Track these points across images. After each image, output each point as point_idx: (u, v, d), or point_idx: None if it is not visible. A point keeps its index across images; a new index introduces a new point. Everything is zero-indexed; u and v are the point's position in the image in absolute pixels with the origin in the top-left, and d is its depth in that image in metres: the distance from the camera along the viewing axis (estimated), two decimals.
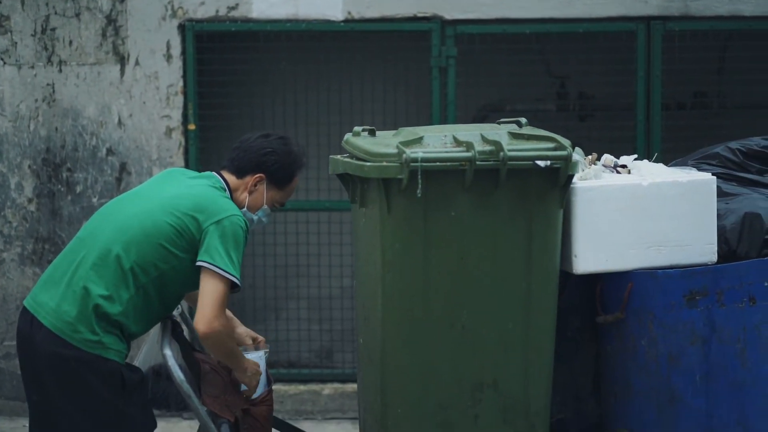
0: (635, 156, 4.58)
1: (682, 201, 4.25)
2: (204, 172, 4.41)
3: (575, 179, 4.18)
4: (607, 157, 4.52)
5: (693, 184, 4.28)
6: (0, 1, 7.17)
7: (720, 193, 4.38)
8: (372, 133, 4.27)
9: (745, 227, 4.32)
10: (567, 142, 4.09)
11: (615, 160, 4.52)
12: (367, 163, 4.06)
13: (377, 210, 4.07)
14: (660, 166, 4.50)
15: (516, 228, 4.09)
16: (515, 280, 4.11)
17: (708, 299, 4.13)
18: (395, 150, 4.02)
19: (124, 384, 4.10)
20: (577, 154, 4.28)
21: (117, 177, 7.18)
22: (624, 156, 4.57)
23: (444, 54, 7.15)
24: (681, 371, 4.15)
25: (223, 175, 4.33)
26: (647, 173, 4.37)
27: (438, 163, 4.00)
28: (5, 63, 7.19)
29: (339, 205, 7.31)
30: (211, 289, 4.07)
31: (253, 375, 4.32)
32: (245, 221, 4.19)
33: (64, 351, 4.04)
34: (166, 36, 7.17)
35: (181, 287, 4.19)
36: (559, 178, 4.06)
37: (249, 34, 7.26)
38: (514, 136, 4.15)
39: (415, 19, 7.18)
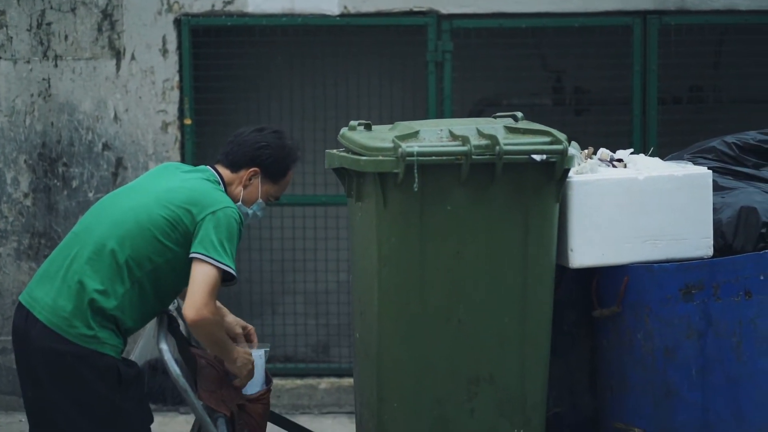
0: (631, 150, 4.58)
1: (678, 195, 4.25)
2: (199, 166, 4.41)
3: (571, 173, 4.18)
4: (603, 151, 4.52)
5: (689, 178, 4.28)
6: None
7: (716, 187, 4.38)
8: (368, 128, 4.26)
9: (741, 221, 4.32)
10: (563, 136, 4.09)
11: (611, 154, 4.53)
12: (363, 158, 4.06)
13: (373, 204, 4.07)
14: (656, 160, 4.50)
15: (512, 222, 4.09)
16: (511, 274, 4.11)
17: (704, 293, 4.13)
18: (391, 144, 4.02)
19: (120, 379, 4.09)
20: (573, 148, 4.28)
21: (113, 172, 7.17)
22: (620, 150, 4.58)
23: (440, 48, 7.15)
24: (677, 365, 4.16)
25: (218, 170, 4.32)
26: (643, 167, 4.37)
27: (434, 157, 4.00)
28: (1, 58, 7.18)
29: (335, 200, 7.31)
30: (202, 277, 4.05)
31: (244, 365, 4.28)
32: (239, 214, 4.19)
33: (59, 346, 4.04)
34: (161, 30, 7.16)
35: (177, 281, 4.19)
36: (555, 172, 4.06)
37: (245, 28, 7.26)
38: (510, 130, 4.15)
39: (411, 14, 7.18)
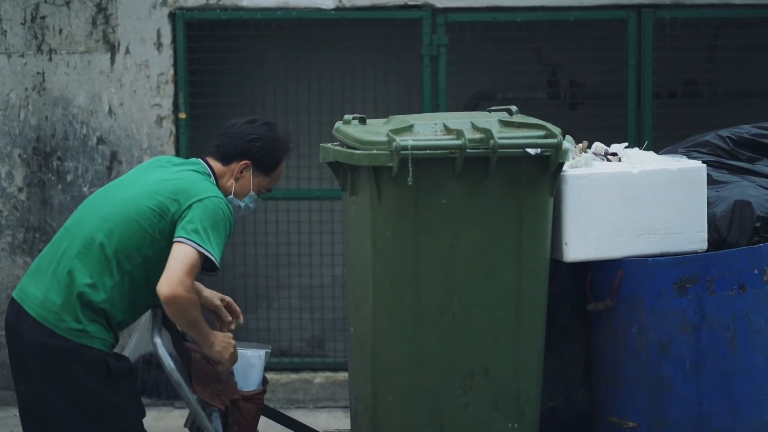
0: (626, 144, 4.58)
1: (672, 189, 4.25)
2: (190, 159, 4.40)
3: (566, 167, 4.18)
4: (598, 145, 4.52)
5: (683, 171, 4.28)
6: None
7: (710, 181, 4.38)
8: (362, 122, 4.26)
9: (736, 215, 4.32)
10: (557, 129, 4.09)
11: (605, 148, 4.52)
12: (358, 151, 4.05)
13: (368, 198, 4.07)
14: (650, 154, 4.50)
15: (506, 216, 4.09)
16: (506, 268, 4.11)
17: (698, 287, 4.13)
18: (385, 138, 4.01)
19: (110, 373, 4.08)
20: (568, 142, 4.27)
21: (108, 166, 7.17)
22: (615, 144, 4.58)
23: (435, 42, 7.14)
24: (671, 359, 4.16)
25: (209, 162, 4.31)
26: (638, 161, 4.37)
27: (428, 151, 3.99)
28: None
29: (330, 194, 7.31)
30: (180, 256, 4.00)
31: (224, 348, 4.20)
32: (228, 206, 4.17)
33: (49, 340, 4.04)
34: (156, 24, 7.15)
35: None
36: (550, 165, 4.05)
37: (239, 22, 7.25)
38: (504, 124, 4.15)
39: (406, 8, 7.17)
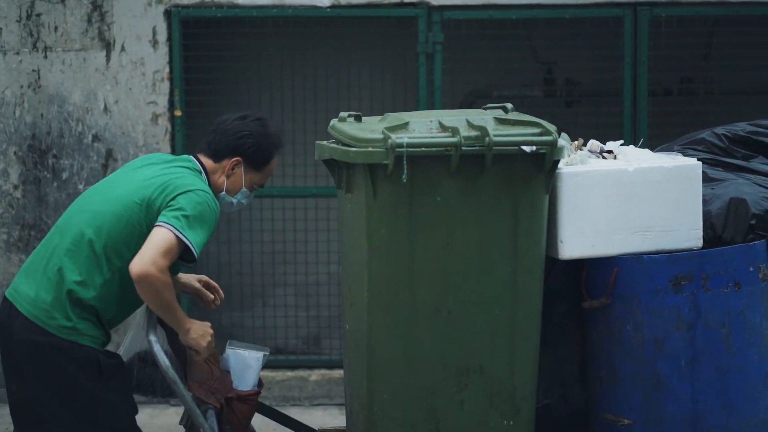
0: (621, 141, 4.58)
1: (667, 186, 4.25)
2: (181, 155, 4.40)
3: (561, 165, 4.18)
4: (593, 143, 4.52)
5: (679, 169, 4.28)
6: None
7: (706, 179, 4.38)
8: (358, 119, 4.26)
9: (731, 212, 4.32)
10: (553, 127, 4.09)
11: (601, 145, 4.52)
12: (353, 149, 4.05)
13: (363, 195, 4.07)
14: (646, 151, 4.50)
15: (502, 213, 4.09)
16: (501, 265, 4.11)
17: (693, 284, 4.14)
18: (381, 135, 4.01)
19: (101, 370, 4.08)
20: (563, 139, 4.27)
21: (103, 163, 7.16)
22: (610, 141, 4.58)
23: (431, 40, 7.14)
24: (666, 356, 4.16)
25: (200, 159, 4.31)
26: (633, 159, 4.37)
27: (423, 149, 3.99)
28: None
29: (326, 192, 7.31)
30: (157, 237, 3.99)
31: (201, 336, 4.17)
32: (215, 202, 4.16)
33: (39, 338, 4.04)
34: (152, 22, 7.14)
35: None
36: (545, 163, 4.05)
37: (235, 20, 7.25)
38: (500, 121, 4.15)
39: (402, 5, 7.17)
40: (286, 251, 7.70)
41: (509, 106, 4.30)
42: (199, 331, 4.18)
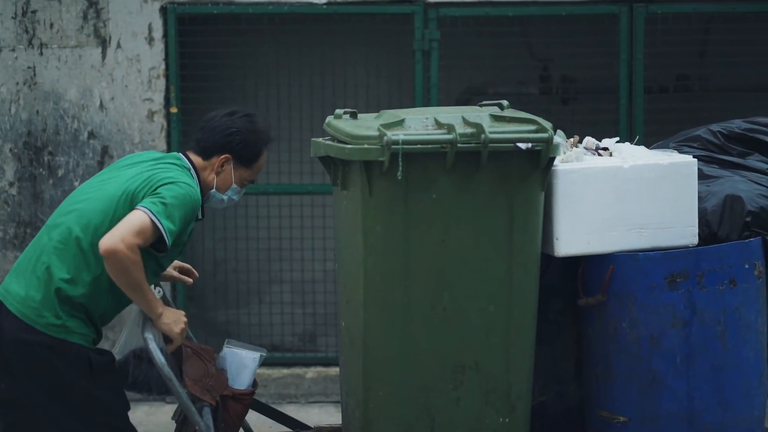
0: (617, 139, 4.58)
1: (663, 183, 4.25)
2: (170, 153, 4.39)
3: (557, 162, 4.18)
4: (589, 140, 4.52)
5: (674, 166, 4.28)
6: None
7: (701, 176, 4.38)
8: (354, 116, 4.25)
9: (726, 210, 4.33)
10: (548, 124, 4.09)
11: (596, 142, 4.52)
12: (349, 146, 4.05)
13: (359, 193, 4.06)
14: (641, 148, 4.50)
15: (497, 210, 4.09)
16: (497, 262, 4.11)
17: (689, 282, 4.14)
18: (376, 132, 4.01)
19: (92, 367, 4.08)
20: (559, 136, 4.28)
21: (99, 160, 7.16)
22: (606, 139, 4.58)
23: (427, 37, 7.14)
24: (662, 353, 4.16)
25: (189, 156, 4.30)
26: (629, 156, 4.37)
27: (419, 146, 3.99)
28: None
29: (321, 189, 7.30)
30: (131, 218, 3.99)
31: (174, 323, 4.13)
32: (197, 195, 4.14)
33: (29, 336, 4.03)
34: (147, 18, 7.13)
35: (147, 263, 4.13)
36: (541, 160, 4.05)
37: (231, 16, 7.24)
38: (495, 118, 4.15)
39: (398, 2, 7.17)
40: (282, 248, 7.70)
41: (505, 103, 4.30)
42: (172, 317, 4.15)
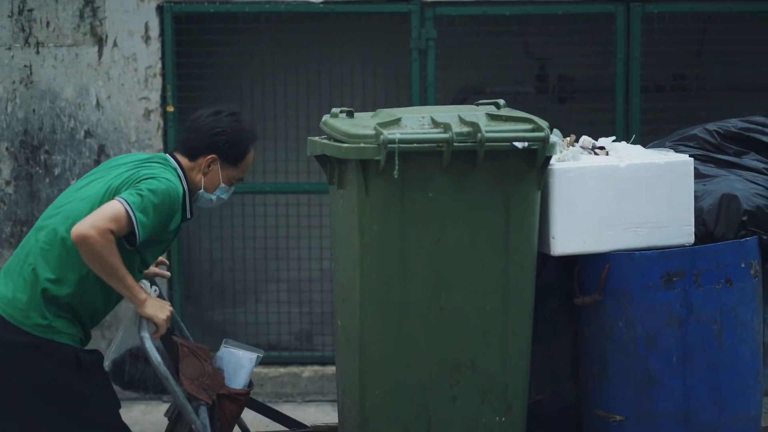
0: (613, 138, 4.58)
1: (659, 182, 4.25)
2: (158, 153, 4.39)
3: (553, 161, 4.18)
4: (585, 139, 4.52)
5: (670, 165, 4.28)
6: None
7: (697, 175, 4.38)
8: (350, 115, 4.25)
9: (722, 209, 4.33)
10: (545, 123, 4.09)
11: (593, 141, 4.52)
12: (345, 145, 4.05)
13: (355, 191, 4.06)
14: (638, 147, 4.51)
15: (494, 209, 4.09)
16: (493, 261, 4.11)
17: (685, 281, 4.14)
18: (373, 131, 4.01)
19: (80, 366, 4.08)
20: (555, 135, 4.27)
21: (95, 159, 7.15)
22: (602, 138, 4.58)
23: (424, 36, 7.13)
24: (658, 352, 4.17)
25: (177, 157, 4.29)
26: (625, 155, 4.37)
27: (415, 145, 3.99)
28: None
29: (318, 188, 7.30)
30: (105, 206, 3.99)
31: (159, 309, 4.12)
32: (177, 193, 4.13)
33: (15, 338, 4.03)
34: (144, 17, 7.13)
35: (132, 263, 4.13)
36: (537, 159, 4.05)
37: (228, 15, 7.23)
38: (492, 117, 4.15)
39: (395, 1, 7.16)
40: (278, 247, 7.69)
41: (501, 102, 4.30)
42: (157, 304, 4.14)
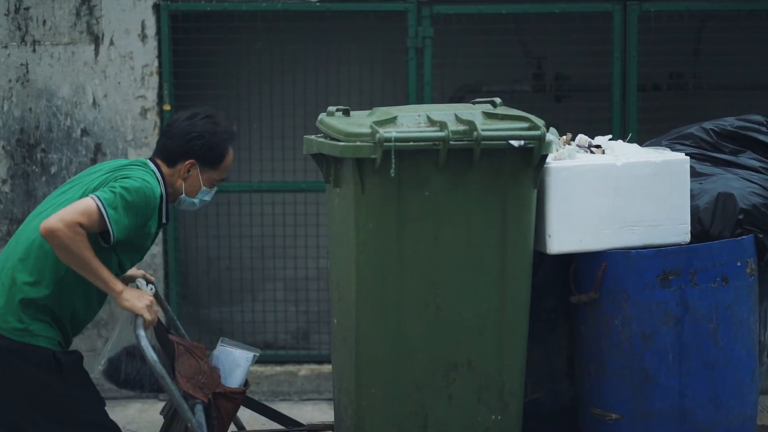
0: (610, 136, 4.58)
1: (655, 181, 4.25)
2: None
3: (549, 159, 4.18)
4: (582, 138, 4.53)
5: (666, 164, 4.28)
6: None
7: (694, 173, 4.39)
8: (346, 113, 4.25)
9: (719, 207, 4.33)
10: (541, 122, 4.09)
11: (589, 140, 4.52)
12: (341, 143, 4.05)
13: (351, 190, 4.06)
14: (634, 146, 4.51)
15: (490, 208, 4.09)
16: (489, 260, 4.11)
17: (681, 279, 4.14)
18: (369, 130, 4.00)
19: (61, 368, 4.09)
20: (552, 134, 4.27)
21: (92, 158, 7.14)
22: (599, 136, 4.58)
23: (420, 34, 7.13)
24: (654, 351, 4.17)
25: (157, 163, 4.27)
26: (621, 153, 4.37)
27: (411, 143, 3.99)
28: None
29: (315, 186, 7.30)
30: (77, 202, 4.00)
31: (137, 298, 4.10)
32: (153, 193, 4.12)
33: None
34: (140, 16, 7.12)
35: (108, 263, 4.12)
36: (533, 157, 4.05)
37: (224, 14, 7.23)
38: (488, 116, 4.15)
39: None
40: (275, 246, 7.69)
41: (498, 100, 4.30)
42: (135, 294, 4.13)
